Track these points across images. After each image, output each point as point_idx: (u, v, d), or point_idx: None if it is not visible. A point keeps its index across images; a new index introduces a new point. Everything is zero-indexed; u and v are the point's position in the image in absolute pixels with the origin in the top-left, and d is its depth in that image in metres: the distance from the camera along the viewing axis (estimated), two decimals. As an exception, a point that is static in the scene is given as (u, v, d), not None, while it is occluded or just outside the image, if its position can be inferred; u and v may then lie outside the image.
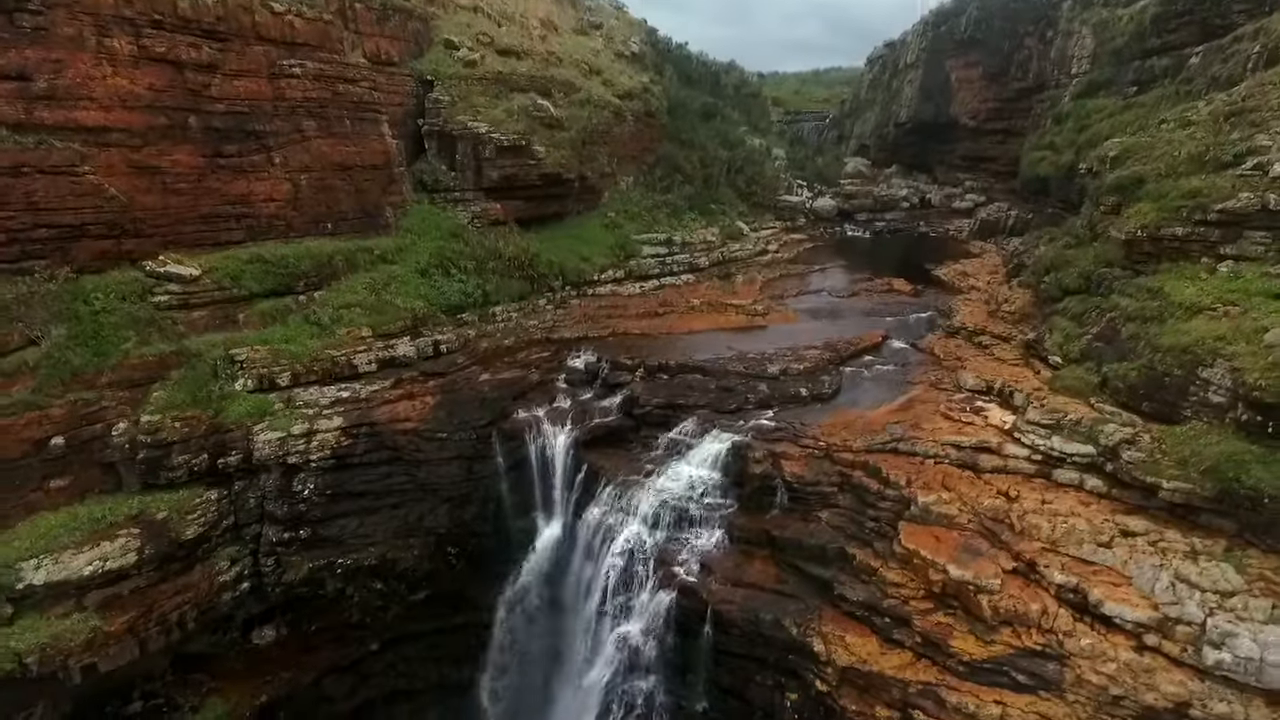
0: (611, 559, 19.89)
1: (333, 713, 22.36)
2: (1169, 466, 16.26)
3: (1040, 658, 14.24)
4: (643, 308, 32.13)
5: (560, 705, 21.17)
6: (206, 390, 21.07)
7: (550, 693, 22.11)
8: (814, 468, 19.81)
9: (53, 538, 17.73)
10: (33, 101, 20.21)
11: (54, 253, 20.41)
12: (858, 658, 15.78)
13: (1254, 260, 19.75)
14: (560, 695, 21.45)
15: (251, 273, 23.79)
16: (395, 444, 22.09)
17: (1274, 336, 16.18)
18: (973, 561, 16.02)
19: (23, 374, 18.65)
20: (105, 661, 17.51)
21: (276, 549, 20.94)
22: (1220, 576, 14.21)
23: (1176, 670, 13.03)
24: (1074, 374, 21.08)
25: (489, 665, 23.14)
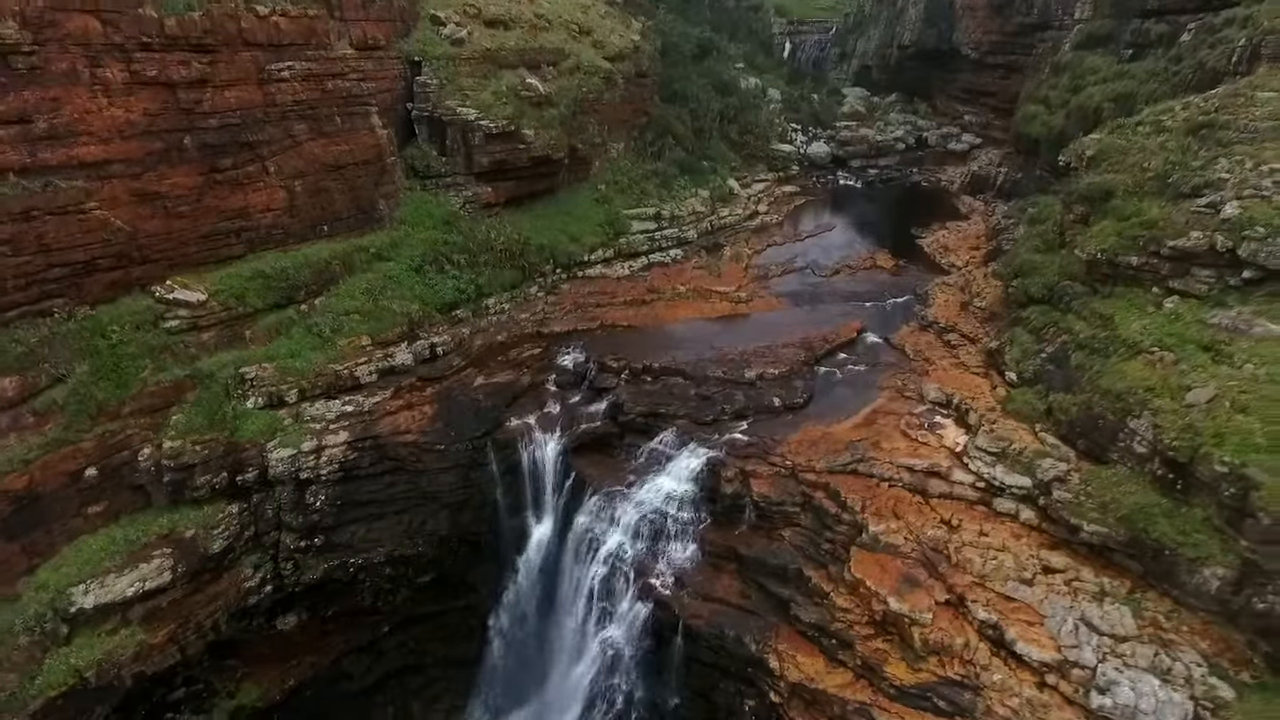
0: (596, 566, 22.17)
1: (351, 689, 25.29)
2: (1091, 509, 18.19)
3: (959, 687, 16.58)
4: (631, 294, 33.35)
5: (551, 684, 23.96)
6: (221, 411, 22.78)
7: (544, 670, 24.92)
8: (780, 487, 21.78)
9: (96, 562, 19.88)
10: (35, 143, 20.94)
11: (69, 290, 21.67)
12: (806, 675, 18.20)
13: (1198, 298, 21.04)
14: (552, 675, 24.23)
15: (254, 289, 25.03)
16: (397, 455, 24.01)
17: (1193, 396, 17.75)
18: (910, 593, 18.19)
19: (54, 412, 20.32)
20: (151, 666, 20.03)
21: (294, 554, 23.22)
22: (1118, 621, 16.37)
23: (1068, 709, 15.35)
24: (1024, 397, 22.73)
25: (489, 644, 25.80)
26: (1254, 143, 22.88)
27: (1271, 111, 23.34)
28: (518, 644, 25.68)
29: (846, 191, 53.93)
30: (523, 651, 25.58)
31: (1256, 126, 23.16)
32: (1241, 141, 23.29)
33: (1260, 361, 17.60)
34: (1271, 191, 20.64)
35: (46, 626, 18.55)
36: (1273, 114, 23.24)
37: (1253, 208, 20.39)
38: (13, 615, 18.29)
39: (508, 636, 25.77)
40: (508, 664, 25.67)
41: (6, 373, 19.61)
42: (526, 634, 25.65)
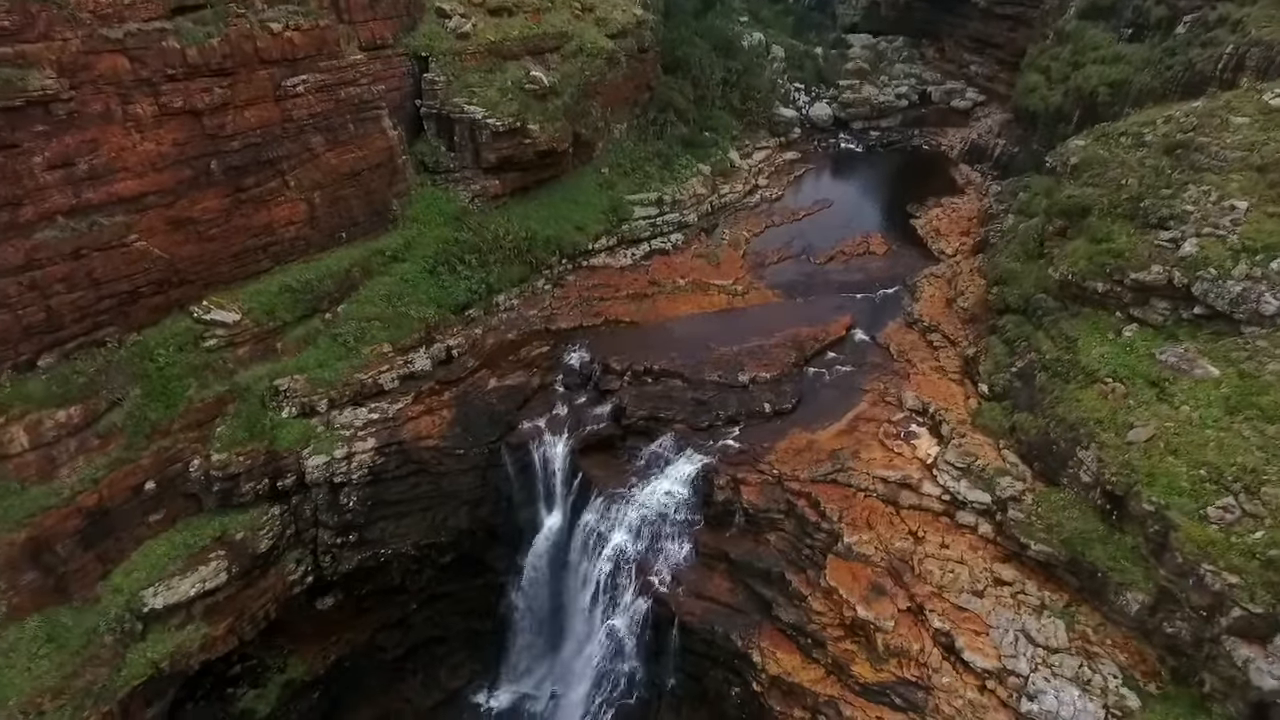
0: (602, 563, 24.85)
1: (385, 659, 28.49)
2: (1039, 530, 20.62)
3: (914, 686, 19.36)
4: (633, 287, 35.08)
5: (563, 658, 27.08)
6: (260, 422, 25.05)
7: (557, 642, 28.03)
8: (767, 495, 24.21)
9: (161, 566, 22.54)
10: (79, 185, 22.50)
11: (117, 318, 23.62)
12: (784, 670, 21.04)
13: (1155, 327, 22.95)
14: (563, 649, 27.33)
15: (283, 303, 26.91)
16: (421, 459, 26.42)
17: (1134, 435, 19.89)
18: (877, 601, 20.82)
19: (114, 434, 22.60)
20: (214, 654, 23.00)
21: (331, 549, 25.94)
22: (1053, 633, 19.01)
23: (1002, 711, 18.12)
24: (992, 413, 24.90)
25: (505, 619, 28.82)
26: (1222, 172, 24.21)
27: (1241, 140, 24.53)
28: (532, 619, 28.68)
29: (848, 156, 54.55)
30: (536, 626, 28.60)
31: (1226, 155, 24.40)
32: (1211, 169, 24.60)
33: (1195, 404, 19.64)
34: (1228, 231, 22.22)
35: (125, 626, 21.34)
36: (1242, 143, 24.44)
37: (1209, 247, 22.04)
38: (96, 618, 21.04)
39: (522, 612, 28.73)
40: (523, 637, 28.70)
41: (71, 402, 21.80)
42: (539, 610, 28.61)
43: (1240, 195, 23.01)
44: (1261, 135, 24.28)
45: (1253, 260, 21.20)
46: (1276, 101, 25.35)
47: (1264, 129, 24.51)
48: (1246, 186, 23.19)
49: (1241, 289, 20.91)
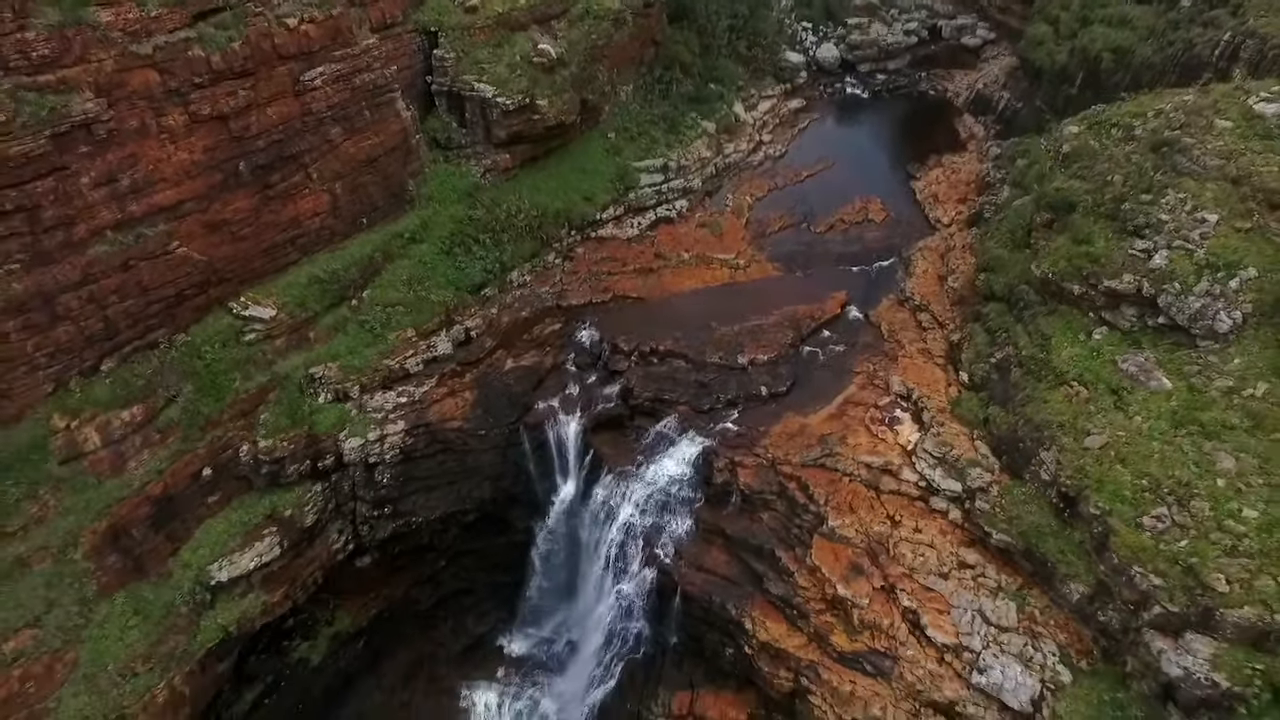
0: (613, 533, 27.74)
1: (419, 610, 31.92)
2: (1001, 520, 23.25)
3: (883, 656, 22.44)
4: (639, 261, 36.69)
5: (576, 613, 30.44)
6: (299, 409, 27.45)
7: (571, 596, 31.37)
8: (761, 477, 26.80)
9: (222, 543, 25.44)
10: (123, 199, 24.11)
11: (166, 321, 25.65)
12: (772, 637, 24.15)
13: (1123, 332, 24.86)
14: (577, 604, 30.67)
15: (313, 294, 28.83)
16: (446, 439, 28.98)
17: (1090, 441, 22.19)
18: (855, 580, 23.70)
19: (173, 428, 25.04)
20: (273, 616, 26.24)
21: (368, 520, 28.88)
22: (1005, 614, 21.92)
23: (956, 681, 21.20)
24: (970, 403, 27.14)
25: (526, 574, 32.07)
26: (1200, 179, 25.49)
27: (1221, 148, 25.67)
28: (549, 575, 31.92)
29: (853, 103, 54.58)
30: (553, 581, 31.88)
31: (1205, 162, 25.62)
32: (1190, 174, 25.86)
33: (1146, 415, 21.85)
34: (1196, 245, 23.83)
35: (197, 597, 24.42)
36: (1222, 150, 25.60)
37: (1177, 261, 23.72)
38: (172, 591, 24.09)
39: (541, 568, 31.94)
40: (541, 590, 32.03)
41: (133, 402, 24.19)
42: (556, 567, 31.81)
43: (1213, 207, 24.42)
44: (1240, 144, 25.41)
45: (1214, 277, 22.91)
46: (1260, 107, 26.30)
47: (1244, 137, 25.61)
48: (1220, 197, 24.56)
49: (1201, 305, 22.72)
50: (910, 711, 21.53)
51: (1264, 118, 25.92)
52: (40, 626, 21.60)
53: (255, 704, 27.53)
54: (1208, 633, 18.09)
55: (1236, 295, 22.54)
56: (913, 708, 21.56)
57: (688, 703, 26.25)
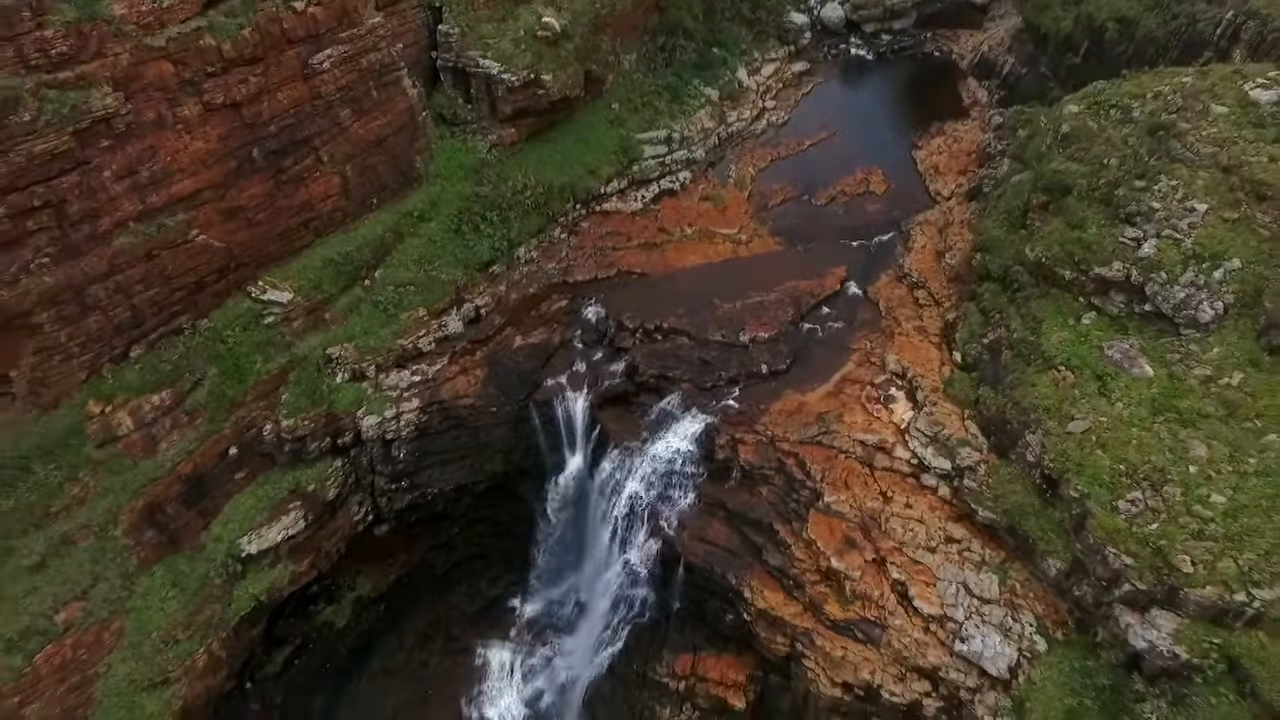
0: (620, 506, 29.19)
1: (435, 575, 33.66)
2: (987, 498, 24.61)
3: (873, 625, 24.05)
4: (643, 235, 37.37)
5: (584, 578, 32.14)
6: (318, 388, 28.59)
7: (579, 561, 33.06)
8: (761, 453, 28.10)
9: (250, 517, 26.88)
10: (143, 191, 24.82)
11: (189, 307, 26.63)
12: (769, 605, 25.77)
13: (1111, 317, 25.82)
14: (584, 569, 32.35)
15: (327, 277, 29.72)
16: (459, 416, 30.22)
17: (1073, 426, 23.37)
18: (848, 553, 25.19)
19: (200, 410, 26.25)
20: (299, 584, 27.87)
21: (386, 492, 30.33)
22: (988, 586, 23.44)
23: (940, 649, 22.83)
24: (962, 384, 28.25)
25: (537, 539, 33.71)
26: (1193, 166, 26.13)
27: (1215, 135, 26.22)
28: (559, 540, 33.55)
29: (857, 65, 54.26)
30: (562, 546, 33.52)
31: (1199, 150, 26.19)
32: (1184, 161, 26.47)
33: (1127, 402, 22.98)
34: (1184, 235, 24.64)
35: (230, 569, 25.99)
36: (1216, 138, 26.15)
37: (1165, 250, 24.57)
38: (206, 564, 25.64)
39: (550, 534, 33.55)
40: (551, 555, 33.71)
41: (162, 386, 25.37)
42: (565, 533, 33.40)
43: (1203, 195, 25.13)
44: (1234, 132, 25.95)
45: (1199, 268, 23.79)
46: (1255, 94, 26.72)
47: (1237, 125, 26.14)
48: (1210, 186, 25.26)
49: (1185, 295, 23.66)
50: (897, 676, 23.25)
51: (1258, 105, 26.38)
52: (88, 599, 23.19)
53: (285, 664, 29.45)
54: (1172, 609, 19.56)
55: (1219, 286, 23.45)
56: (899, 672, 23.27)
57: (690, 664, 28.10)
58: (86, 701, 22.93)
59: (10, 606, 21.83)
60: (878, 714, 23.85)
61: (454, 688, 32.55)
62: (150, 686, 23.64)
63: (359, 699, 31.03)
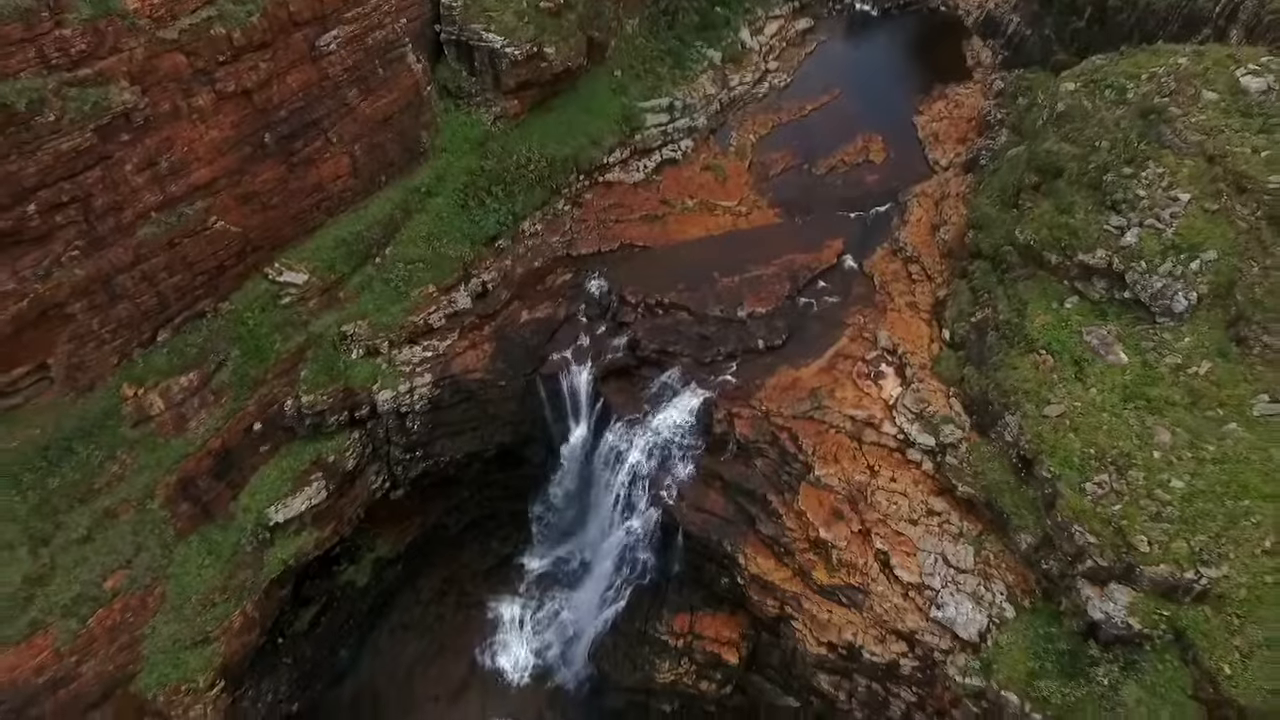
0: (622, 476, 30.95)
1: (448, 536, 35.73)
2: (967, 474, 26.23)
3: (857, 591, 25.99)
4: (645, 207, 38.15)
5: (589, 539, 34.18)
6: (335, 365, 30.03)
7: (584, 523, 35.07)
8: (756, 428, 29.65)
9: (275, 488, 28.67)
10: (163, 181, 25.75)
11: (210, 291, 27.84)
12: (761, 571, 27.71)
13: (1092, 302, 26.93)
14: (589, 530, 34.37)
15: (340, 256, 30.82)
16: (469, 390, 31.74)
17: (1049, 410, 24.78)
18: (835, 524, 26.97)
19: (225, 389, 27.74)
20: (323, 549, 29.87)
21: (402, 461, 32.10)
22: (964, 557, 25.27)
23: (917, 614, 24.79)
24: (949, 362, 29.56)
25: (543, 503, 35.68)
26: (1179, 154, 26.77)
27: (1203, 122, 26.78)
28: (564, 503, 35.51)
29: (861, 23, 53.69)
30: (567, 509, 35.50)
31: (1187, 137, 26.80)
32: (1172, 148, 27.09)
33: (1101, 389, 24.32)
34: (1166, 225, 25.55)
35: (259, 537, 27.91)
36: (1204, 125, 26.71)
37: (1146, 240, 25.52)
38: (237, 533, 27.54)
39: (555, 500, 35.50)
40: (558, 516, 35.73)
41: (189, 368, 26.84)
42: (570, 497, 35.33)
43: (1187, 184, 25.87)
44: (1221, 120, 26.50)
45: (1178, 258, 24.77)
46: (1245, 80, 27.14)
47: (1225, 113, 26.67)
48: (1195, 175, 25.97)
49: (1162, 285, 24.72)
50: (877, 637, 25.31)
51: (1247, 93, 26.82)
52: (132, 567, 25.15)
53: (312, 621, 31.74)
54: (1128, 584, 21.32)
55: (1195, 277, 24.48)
56: (879, 634, 25.32)
57: (688, 623, 30.30)
58: (135, 659, 25.12)
59: (64, 576, 23.75)
60: (859, 671, 26.04)
61: (468, 639, 35.01)
62: (192, 645, 25.80)
63: (380, 651, 33.51)
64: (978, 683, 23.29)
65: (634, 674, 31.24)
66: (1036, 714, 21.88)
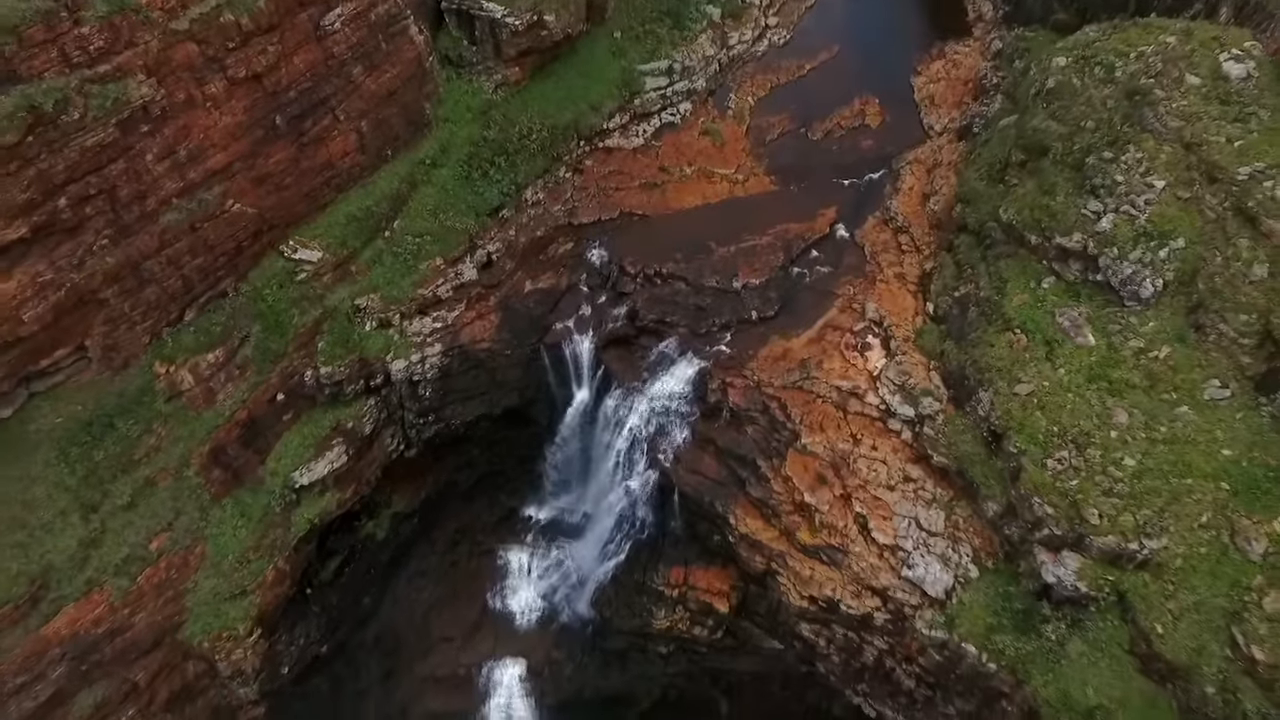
0: (621, 440, 33.08)
1: (460, 490, 38.14)
2: (942, 445, 28.28)
3: (836, 550, 28.38)
4: (645, 174, 39.05)
5: (590, 496, 36.60)
6: (350, 337, 31.69)
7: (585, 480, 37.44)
8: (748, 397, 31.58)
9: (299, 453, 30.76)
10: (182, 169, 26.91)
11: (230, 271, 29.28)
12: (750, 530, 30.09)
13: (1068, 283, 28.41)
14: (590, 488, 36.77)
15: (351, 232, 32.12)
16: (477, 358, 33.56)
17: (1020, 388, 26.61)
18: (819, 489, 29.18)
19: (248, 364, 29.52)
20: (345, 508, 32.25)
21: (415, 425, 34.17)
22: (935, 521, 27.55)
23: (890, 573, 27.21)
24: (931, 336, 31.23)
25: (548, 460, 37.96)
26: (1159, 139, 27.78)
27: (1184, 108, 27.64)
28: (567, 460, 37.78)
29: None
30: (570, 465, 37.79)
31: (1168, 122, 27.76)
32: (1153, 133, 28.07)
33: (1069, 369, 26.07)
34: (1140, 212, 26.81)
35: (287, 499, 30.16)
36: (1184, 111, 27.59)
37: (1120, 227, 26.83)
38: (266, 496, 29.77)
39: (560, 455, 37.74)
40: (561, 472, 38.06)
41: (215, 345, 28.58)
42: (573, 454, 37.57)
43: (1163, 171, 26.97)
44: (1201, 107, 27.40)
45: (1148, 245, 26.14)
46: (1227, 66, 27.90)
47: (1205, 100, 27.55)
48: (1171, 162, 27.07)
49: (1131, 271, 26.16)
50: (854, 593, 27.83)
51: (1228, 79, 27.63)
52: (173, 530, 27.48)
53: (337, 572, 34.40)
54: (1078, 552, 23.59)
55: (1163, 264, 25.89)
56: (856, 590, 27.83)
57: (682, 575, 32.94)
58: (181, 611, 27.74)
59: (113, 539, 26.10)
60: (837, 621, 28.71)
61: (479, 585, 37.88)
62: (231, 597, 28.38)
63: (399, 597, 36.37)
64: (941, 635, 25.85)
65: (633, 620, 34.12)
66: (992, 664, 24.52)
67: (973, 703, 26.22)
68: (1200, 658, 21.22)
